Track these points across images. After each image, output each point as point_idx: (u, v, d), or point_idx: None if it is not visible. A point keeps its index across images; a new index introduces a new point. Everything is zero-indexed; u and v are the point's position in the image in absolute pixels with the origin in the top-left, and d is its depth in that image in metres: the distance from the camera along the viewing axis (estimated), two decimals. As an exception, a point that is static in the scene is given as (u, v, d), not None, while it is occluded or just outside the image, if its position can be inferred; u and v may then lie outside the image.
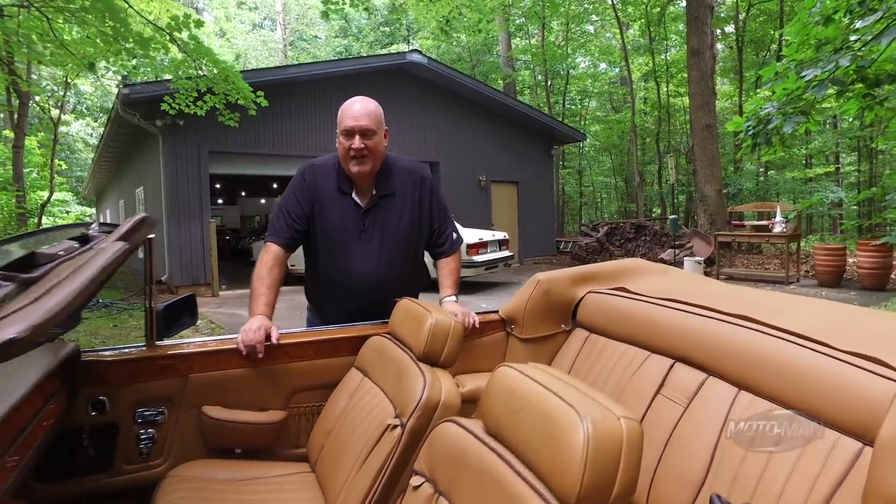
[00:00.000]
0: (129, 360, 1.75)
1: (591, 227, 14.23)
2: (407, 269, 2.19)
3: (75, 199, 25.15)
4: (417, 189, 2.16)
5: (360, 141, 1.96)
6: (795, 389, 1.27)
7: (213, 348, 1.84)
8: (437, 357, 1.64)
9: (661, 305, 1.83)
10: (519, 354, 2.19)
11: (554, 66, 21.66)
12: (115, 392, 1.72)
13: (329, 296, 2.17)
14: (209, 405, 1.83)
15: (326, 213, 2.07)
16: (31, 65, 10.37)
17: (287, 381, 1.91)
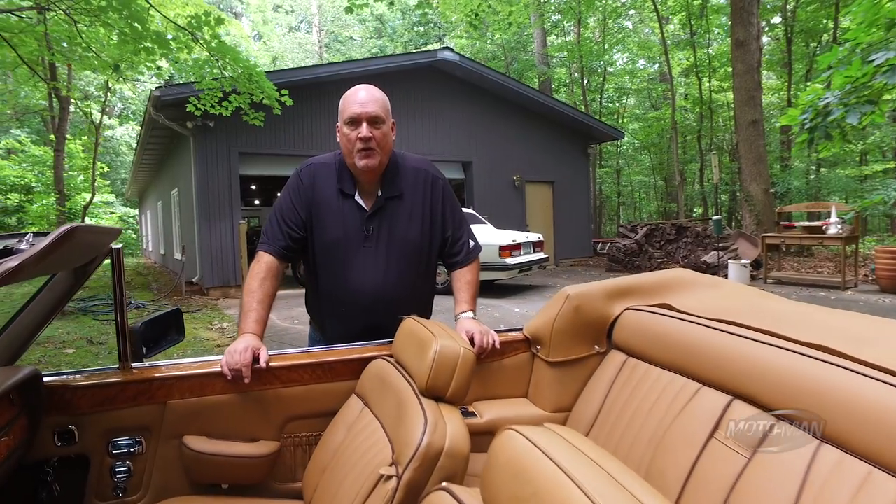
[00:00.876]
0: (99, 384, 1.55)
1: (629, 228, 13.71)
2: (418, 282, 1.94)
3: (119, 200, 25.89)
4: (428, 190, 1.90)
5: (367, 129, 1.71)
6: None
7: (195, 371, 1.63)
8: (442, 391, 1.38)
9: (715, 328, 1.54)
10: (545, 379, 1.92)
11: (590, 62, 21.12)
12: (84, 420, 1.54)
13: (330, 313, 1.92)
14: (192, 435, 1.62)
15: (325, 219, 1.82)
16: (71, 70, 10.59)
17: (280, 408, 1.69)
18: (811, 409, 1.16)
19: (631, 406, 1.66)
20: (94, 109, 16.60)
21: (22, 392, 1.47)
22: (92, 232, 1.29)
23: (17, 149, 18.16)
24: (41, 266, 1.14)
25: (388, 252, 1.83)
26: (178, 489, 1.64)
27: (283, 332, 6.73)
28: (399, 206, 1.85)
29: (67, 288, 1.54)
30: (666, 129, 20.33)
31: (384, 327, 1.82)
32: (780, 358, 1.29)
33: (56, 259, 1.20)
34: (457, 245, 1.96)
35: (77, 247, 1.27)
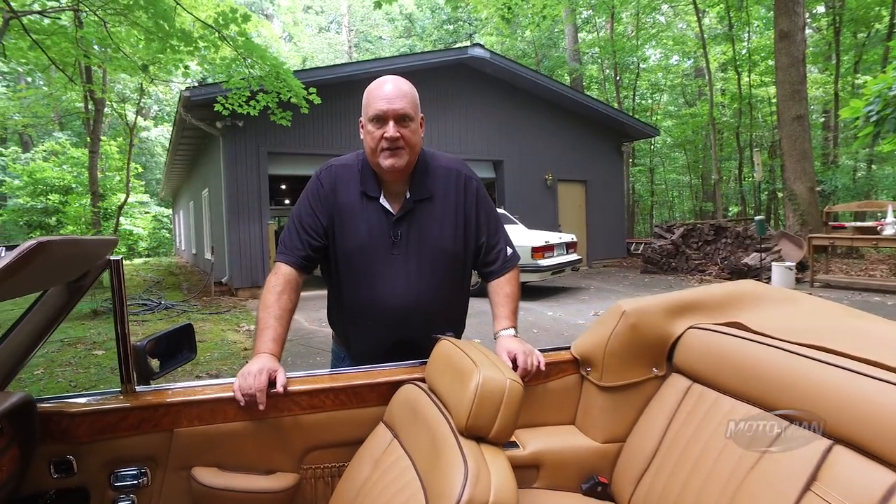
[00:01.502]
0: (98, 410, 1.40)
1: (665, 228, 13.27)
2: (453, 293, 1.75)
3: (154, 200, 26.42)
4: (461, 192, 1.70)
5: (394, 128, 1.54)
6: None
7: (204, 396, 1.47)
8: (485, 431, 1.18)
9: (801, 355, 1.31)
10: (597, 405, 1.70)
11: (623, 58, 20.61)
12: (83, 450, 1.39)
13: (355, 328, 1.73)
14: (202, 466, 1.46)
15: (348, 225, 1.64)
16: (106, 73, 10.73)
17: (299, 436, 1.52)
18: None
19: (699, 441, 1.44)
20: (129, 111, 16.90)
21: (13, 420, 1.33)
22: (75, 244, 1.13)
23: (57, 151, 18.65)
24: (7, 286, 0.98)
25: (420, 260, 1.65)
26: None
27: (310, 336, 6.62)
28: (429, 209, 1.66)
29: (61, 304, 1.39)
30: (702, 126, 19.70)
31: (416, 343, 1.65)
32: (891, 396, 1.06)
33: (30, 276, 1.04)
34: (492, 252, 1.76)
35: (57, 261, 1.11)
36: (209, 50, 5.11)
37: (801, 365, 1.28)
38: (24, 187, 17.25)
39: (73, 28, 5.68)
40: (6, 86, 23.58)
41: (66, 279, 1.33)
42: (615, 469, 1.66)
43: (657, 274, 12.06)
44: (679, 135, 21.06)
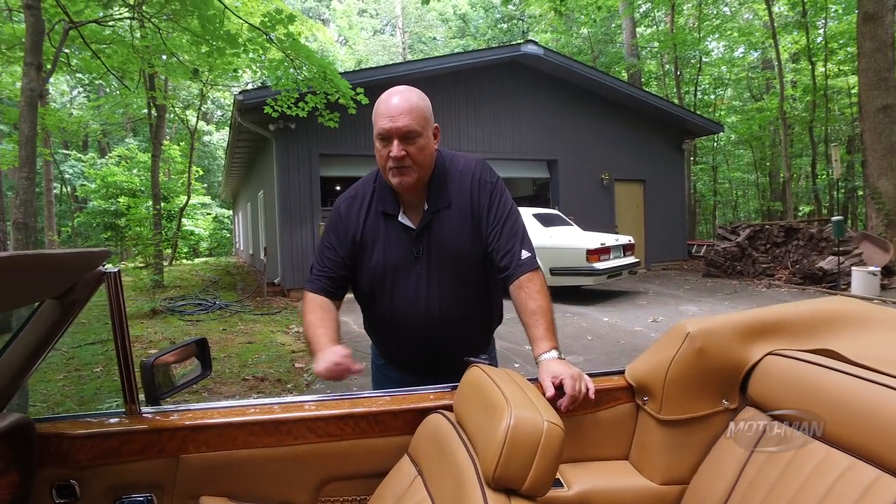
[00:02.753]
0: (100, 433, 1.31)
1: (729, 230, 12.55)
2: (479, 300, 1.68)
3: (215, 202, 27.45)
4: (475, 193, 1.61)
5: (398, 147, 1.48)
6: None
7: (212, 421, 1.35)
8: (517, 483, 0.98)
9: None
10: (654, 441, 1.47)
11: (684, 52, 19.72)
12: (87, 474, 1.31)
13: (387, 340, 1.75)
14: (210, 496, 1.35)
15: (369, 249, 1.61)
16: (167, 80, 11.14)
17: (316, 466, 1.39)
18: None
19: (784, 492, 1.19)
20: (191, 116, 17.56)
21: (11, 442, 1.24)
22: (40, 259, 1.01)
23: (127, 156, 19.65)
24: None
25: (440, 272, 1.60)
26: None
27: (358, 339, 6.56)
28: (448, 218, 1.60)
29: (55, 321, 1.29)
30: (770, 121, 18.59)
31: (446, 354, 1.62)
32: None
33: None
34: (500, 255, 1.58)
35: (21, 278, 1.00)
36: (256, 52, 5.13)
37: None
38: (97, 191, 18.26)
39: (130, 36, 5.84)
40: (85, 96, 25.10)
41: (44, 295, 1.23)
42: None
43: (720, 278, 11.41)
44: (745, 131, 19.95)
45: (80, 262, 1.18)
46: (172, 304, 8.77)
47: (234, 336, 6.66)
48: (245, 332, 6.91)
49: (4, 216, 6.61)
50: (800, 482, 1.17)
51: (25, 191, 3.55)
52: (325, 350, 1.44)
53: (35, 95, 3.52)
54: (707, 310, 7.90)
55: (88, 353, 5.82)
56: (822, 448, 1.17)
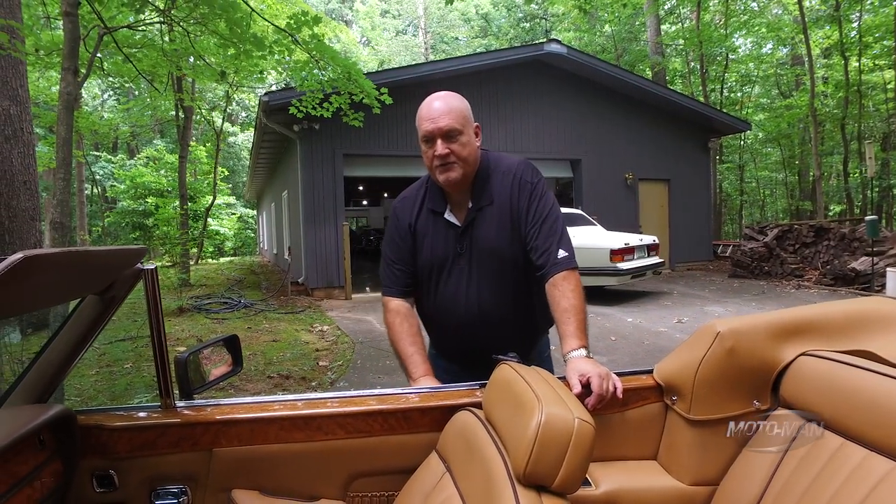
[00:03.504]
0: (137, 426, 1.37)
1: (756, 230, 12.31)
2: (517, 298, 1.70)
3: (240, 202, 27.85)
4: (515, 192, 1.67)
5: (442, 146, 1.59)
6: None
7: (245, 416, 1.39)
8: (547, 480, 0.98)
9: None
10: (683, 441, 1.46)
11: (711, 49, 19.38)
12: (124, 465, 1.36)
13: (434, 334, 1.84)
14: (242, 489, 1.39)
15: (421, 245, 1.74)
16: (195, 82, 11.35)
17: (345, 462, 1.42)
18: None
19: (820, 495, 1.17)
20: (217, 118, 17.85)
21: (54, 433, 1.29)
22: (81, 256, 1.05)
23: (156, 157, 20.07)
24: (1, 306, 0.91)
25: (481, 269, 1.67)
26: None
27: (381, 338, 6.61)
28: (489, 215, 1.67)
29: (96, 316, 1.34)
30: (799, 119, 18.18)
31: (489, 350, 1.56)
32: None
33: (32, 290, 0.97)
34: (537, 253, 1.61)
35: (64, 274, 1.04)
36: (282, 54, 5.20)
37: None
38: (127, 191, 18.69)
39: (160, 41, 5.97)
40: (116, 99, 25.71)
41: (86, 291, 1.27)
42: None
43: (747, 279, 11.20)
44: (773, 128, 19.54)
45: (120, 258, 1.22)
46: (199, 303, 8.94)
47: (258, 334, 6.76)
48: (269, 330, 7.01)
49: (40, 216, 6.81)
50: (836, 486, 1.15)
51: (62, 191, 3.66)
52: (420, 381, 1.59)
53: (72, 99, 3.63)
54: (733, 311, 7.77)
55: (119, 349, 5.96)
56: (860, 451, 1.15)
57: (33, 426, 1.17)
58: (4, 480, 1.09)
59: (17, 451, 1.14)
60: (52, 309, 4.32)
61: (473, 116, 1.70)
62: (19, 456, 1.15)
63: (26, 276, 0.88)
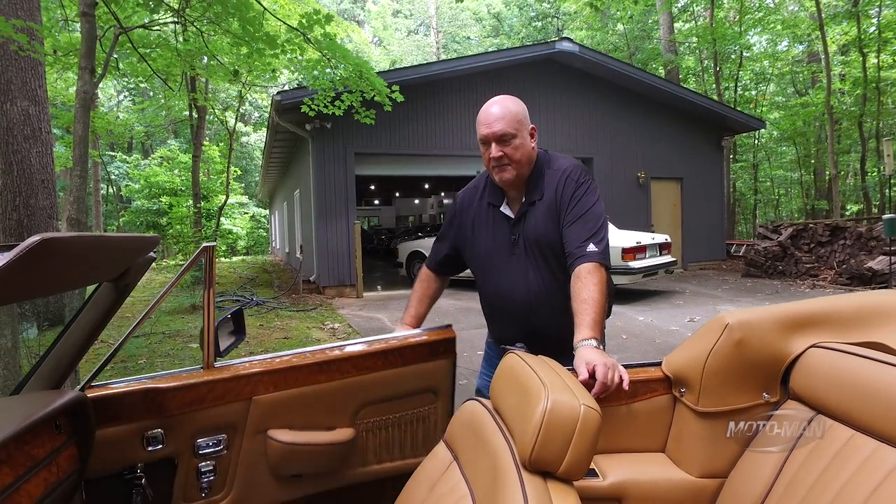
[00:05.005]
0: (189, 385, 1.54)
1: (770, 229, 12.18)
2: (567, 287, 1.72)
3: (253, 202, 28.06)
4: (561, 187, 1.78)
5: (497, 149, 1.74)
6: None
7: (280, 366, 1.64)
8: (553, 466, 0.99)
9: None
10: (692, 433, 1.46)
11: (724, 47, 19.18)
12: (173, 422, 1.53)
13: (490, 319, 1.98)
14: (275, 429, 1.63)
15: (477, 234, 1.89)
16: (208, 82, 11.45)
17: (354, 395, 1.72)
18: None
19: (828, 488, 1.17)
20: (230, 118, 18.00)
21: (70, 418, 1.32)
22: (98, 242, 1.07)
23: (169, 156, 20.28)
24: (21, 284, 0.93)
25: (533, 257, 1.79)
26: (260, 483, 1.64)
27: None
28: (539, 210, 1.79)
29: (110, 304, 1.38)
30: (815, 117, 17.94)
31: (539, 334, 1.80)
32: None
33: (51, 274, 0.99)
34: (570, 244, 1.69)
35: (81, 259, 1.06)
36: (294, 53, 5.24)
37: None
38: (141, 191, 18.90)
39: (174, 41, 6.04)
40: (131, 100, 26.02)
41: (103, 277, 1.30)
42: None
43: (761, 278, 11.09)
44: (788, 126, 19.30)
45: (135, 245, 1.25)
46: (213, 300, 9.01)
47: (270, 332, 6.81)
48: (281, 328, 7.06)
49: (57, 214, 6.90)
50: (844, 478, 1.15)
51: (78, 188, 3.72)
52: (400, 326, 1.91)
53: (89, 98, 3.69)
54: (747, 310, 7.69)
55: (133, 345, 6.04)
56: (871, 443, 1.15)
57: (49, 411, 1.20)
58: (23, 463, 1.12)
59: (34, 434, 1.17)
60: (69, 304, 4.40)
61: (527, 119, 1.81)
62: (37, 439, 1.18)
63: (43, 258, 0.90)
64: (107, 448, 1.42)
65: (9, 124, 6.80)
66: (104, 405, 1.42)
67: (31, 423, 1.11)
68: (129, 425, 1.46)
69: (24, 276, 0.90)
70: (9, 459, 1.09)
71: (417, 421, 1.81)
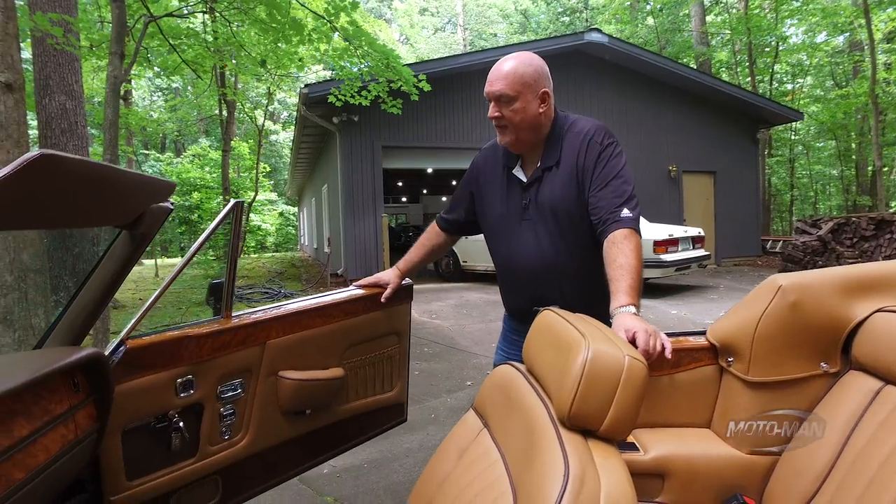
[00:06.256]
0: (217, 331, 1.60)
1: (809, 223, 11.76)
2: (581, 257, 1.68)
3: (281, 199, 28.42)
4: (583, 152, 1.65)
5: (493, 108, 1.64)
6: None
7: (289, 311, 1.76)
8: (594, 422, 0.91)
9: None
10: (741, 406, 1.35)
11: (759, 38, 18.62)
12: (202, 368, 1.59)
13: (502, 286, 1.91)
14: (284, 370, 1.77)
15: (491, 196, 1.81)
16: (237, 78, 11.58)
17: (343, 337, 1.89)
18: None
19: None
20: (259, 116, 18.24)
21: (88, 376, 1.28)
22: (121, 175, 1.03)
23: (200, 154, 20.66)
24: (14, 208, 0.88)
25: (546, 224, 1.69)
26: (272, 422, 1.76)
27: (420, 327, 6.59)
28: (555, 175, 1.68)
29: (127, 256, 1.35)
30: (858, 108, 17.28)
31: (549, 302, 1.63)
32: None
33: (42, 199, 0.93)
34: (600, 211, 1.57)
35: (88, 190, 1.02)
36: (320, 41, 5.23)
37: None
38: (173, 187, 19.27)
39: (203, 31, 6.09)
40: (164, 99, 26.60)
41: (116, 220, 1.26)
42: (767, 488, 1.31)
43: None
44: (828, 118, 18.64)
45: (148, 188, 1.21)
46: (241, 292, 9.11)
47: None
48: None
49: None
50: None
51: (109, 173, 3.75)
52: (387, 270, 1.99)
53: (118, 82, 3.72)
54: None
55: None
56: None
57: (65, 363, 1.16)
58: (39, 416, 1.08)
59: (50, 389, 1.14)
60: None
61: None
62: (54, 395, 1.15)
63: (43, 176, 0.85)
64: (146, 396, 1.47)
65: (47, 118, 6.97)
66: (144, 354, 1.46)
67: (44, 374, 1.07)
68: (166, 372, 1.51)
69: (23, 195, 0.85)
70: (25, 411, 1.06)
71: (385, 360, 2.06)
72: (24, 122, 2.96)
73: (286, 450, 1.82)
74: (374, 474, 2.90)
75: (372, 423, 2.08)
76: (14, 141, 2.84)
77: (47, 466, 1.07)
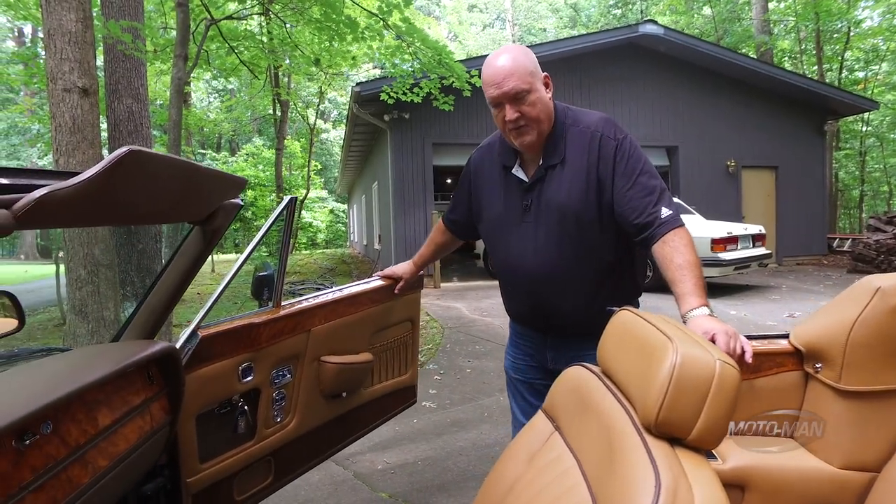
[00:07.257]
0: (274, 319, 1.70)
1: (884, 220, 11.08)
2: (585, 261, 1.58)
3: (332, 197, 28.97)
4: (595, 151, 1.53)
5: (512, 110, 1.48)
6: None
7: (328, 300, 1.88)
8: (683, 430, 0.85)
9: None
10: (832, 415, 1.27)
11: (828, 24, 17.62)
12: (261, 355, 1.68)
13: (504, 291, 1.83)
14: (325, 355, 1.88)
15: (489, 198, 1.71)
16: (290, 79, 11.85)
17: (370, 323, 2.03)
18: None
19: None
20: (311, 115, 18.62)
21: (161, 369, 1.32)
22: (199, 171, 1.04)
23: (254, 153, 21.31)
24: (101, 202, 0.89)
25: (548, 225, 1.58)
26: (315, 404, 1.87)
27: (470, 324, 6.58)
28: (559, 174, 1.57)
29: (199, 252, 1.38)
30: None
31: (549, 309, 1.65)
32: None
33: (127, 194, 0.95)
34: (635, 213, 1.46)
35: (166, 183, 1.03)
36: (373, 39, 5.27)
37: None
38: (229, 186, 19.95)
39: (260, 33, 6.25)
40: (220, 101, 27.55)
41: (190, 216, 1.29)
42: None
43: (870, 274, 10.08)
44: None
45: (223, 184, 1.23)
46: (293, 288, 9.33)
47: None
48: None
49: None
50: None
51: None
52: (403, 263, 2.09)
53: (182, 84, 3.85)
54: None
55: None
56: None
57: (141, 357, 1.20)
58: (119, 406, 1.12)
59: (128, 381, 1.17)
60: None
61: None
62: (131, 386, 1.18)
63: (131, 170, 0.87)
64: (216, 382, 1.54)
65: (116, 121, 7.32)
66: (214, 342, 1.53)
67: (123, 367, 1.10)
68: (232, 359, 1.59)
69: (111, 190, 0.87)
70: (107, 401, 1.09)
71: (402, 346, 2.22)
72: (97, 125, 3.10)
73: (326, 431, 1.94)
74: (428, 472, 2.90)
75: (391, 405, 2.24)
76: (89, 143, 2.98)
77: (127, 455, 1.11)
